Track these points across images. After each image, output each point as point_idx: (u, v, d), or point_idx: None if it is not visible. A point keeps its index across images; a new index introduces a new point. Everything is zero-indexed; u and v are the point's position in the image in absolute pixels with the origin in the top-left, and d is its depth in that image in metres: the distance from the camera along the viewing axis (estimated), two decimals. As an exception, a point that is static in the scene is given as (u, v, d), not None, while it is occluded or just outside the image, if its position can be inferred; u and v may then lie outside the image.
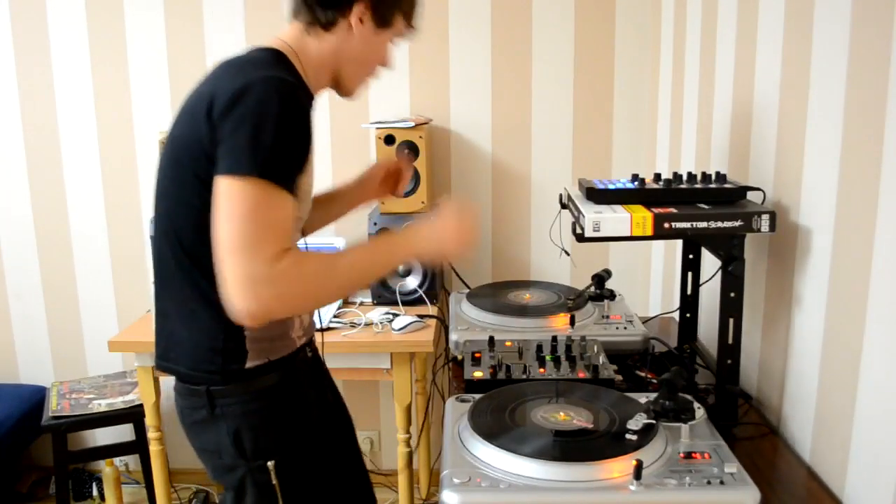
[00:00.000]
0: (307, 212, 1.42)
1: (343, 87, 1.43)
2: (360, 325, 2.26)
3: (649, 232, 1.41)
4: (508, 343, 1.63)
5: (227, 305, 1.16)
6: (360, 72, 1.42)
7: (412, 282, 2.45)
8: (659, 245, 2.54)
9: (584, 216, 1.43)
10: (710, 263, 1.78)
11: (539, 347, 1.65)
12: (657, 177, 1.59)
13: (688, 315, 1.86)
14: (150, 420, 2.34)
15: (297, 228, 1.36)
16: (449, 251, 1.33)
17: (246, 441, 1.34)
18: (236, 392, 1.33)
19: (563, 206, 1.70)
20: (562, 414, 1.30)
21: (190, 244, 1.29)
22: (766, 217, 1.40)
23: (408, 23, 1.43)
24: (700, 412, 1.34)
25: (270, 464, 1.35)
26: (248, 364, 1.33)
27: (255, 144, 1.16)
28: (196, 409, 1.36)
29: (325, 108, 2.69)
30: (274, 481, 1.35)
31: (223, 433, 1.34)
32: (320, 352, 1.62)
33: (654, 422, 1.24)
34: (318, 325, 2.22)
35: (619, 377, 1.55)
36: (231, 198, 1.16)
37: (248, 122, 1.17)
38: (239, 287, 1.14)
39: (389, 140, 2.37)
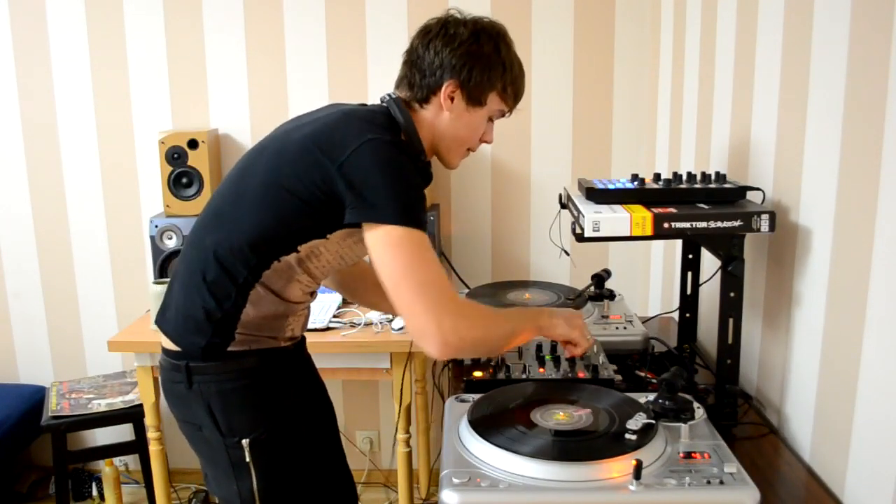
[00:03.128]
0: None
1: (443, 159, 1.49)
2: (359, 325, 2.26)
3: (649, 232, 1.41)
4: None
5: (421, 342, 1.27)
6: (456, 147, 1.47)
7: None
8: (659, 245, 2.54)
9: (583, 216, 1.43)
10: (709, 263, 1.78)
11: (539, 347, 1.65)
12: (657, 177, 1.59)
13: (687, 315, 1.86)
14: (149, 420, 2.33)
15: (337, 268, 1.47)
16: (574, 339, 1.45)
17: (220, 418, 1.38)
18: (213, 370, 1.38)
19: (563, 206, 1.70)
20: (562, 414, 1.30)
21: (238, 238, 1.35)
22: (765, 217, 1.40)
23: (505, 101, 1.46)
24: (700, 412, 1.34)
25: (245, 442, 1.38)
26: (231, 347, 1.37)
27: (398, 197, 1.27)
28: (175, 383, 1.41)
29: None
30: (248, 459, 1.39)
31: (200, 408, 1.39)
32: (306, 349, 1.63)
33: (653, 422, 1.24)
34: (314, 326, 2.23)
35: (619, 377, 1.55)
36: (396, 245, 1.27)
37: (385, 176, 1.27)
38: (437, 322, 1.25)
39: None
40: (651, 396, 1.36)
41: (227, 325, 1.36)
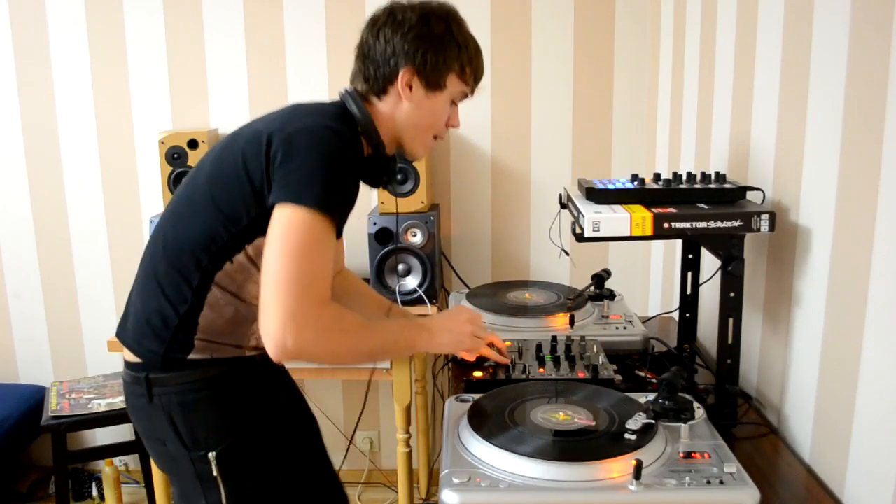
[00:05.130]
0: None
1: (407, 151, 1.45)
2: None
3: (649, 232, 1.41)
4: (508, 343, 1.63)
5: (262, 332, 1.19)
6: (420, 136, 1.42)
7: (412, 281, 2.44)
8: (658, 245, 2.54)
9: (583, 216, 1.43)
10: (709, 263, 1.78)
11: (539, 347, 1.65)
12: (657, 177, 1.59)
13: (687, 315, 1.86)
14: (149, 420, 2.33)
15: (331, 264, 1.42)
16: (460, 349, 1.43)
17: (183, 431, 1.34)
18: (173, 381, 1.33)
19: (563, 206, 1.70)
20: (562, 414, 1.30)
21: (189, 240, 1.31)
22: (765, 217, 1.40)
23: (465, 81, 1.41)
24: (700, 412, 1.34)
25: (212, 455, 1.33)
26: (191, 356, 1.33)
27: (315, 180, 1.21)
28: (137, 397, 1.36)
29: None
30: (215, 473, 1.34)
31: (162, 420, 1.34)
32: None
33: (653, 422, 1.24)
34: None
35: (619, 377, 1.55)
36: (292, 227, 1.20)
37: (312, 159, 1.22)
38: (284, 319, 1.16)
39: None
40: (651, 396, 1.36)
41: (185, 331, 1.31)
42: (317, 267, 1.20)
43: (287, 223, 1.20)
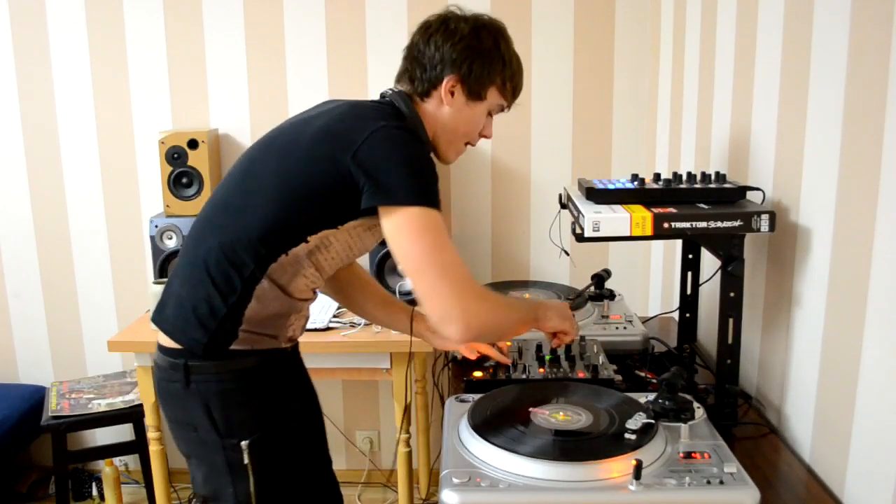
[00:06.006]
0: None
1: (438, 154, 1.48)
2: (359, 325, 2.25)
3: (649, 232, 1.41)
4: (508, 343, 1.63)
5: (441, 322, 1.27)
6: (455, 141, 1.47)
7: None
8: (658, 245, 2.54)
9: (583, 216, 1.43)
10: (709, 263, 1.78)
11: (539, 347, 1.65)
12: (657, 177, 1.59)
13: (687, 315, 1.86)
14: (149, 420, 2.33)
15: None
16: (567, 330, 1.49)
17: (218, 419, 1.36)
18: (213, 369, 1.36)
19: (563, 206, 1.70)
20: (562, 414, 1.30)
21: (245, 232, 1.34)
22: (765, 217, 1.40)
23: (504, 96, 1.46)
24: (700, 412, 1.34)
25: (244, 443, 1.36)
26: (233, 346, 1.36)
27: (415, 179, 1.29)
28: (171, 382, 1.38)
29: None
30: (246, 461, 1.37)
31: (197, 408, 1.37)
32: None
33: (653, 422, 1.24)
34: (314, 326, 2.23)
35: (619, 377, 1.55)
36: (417, 227, 1.27)
37: (400, 160, 1.29)
38: (462, 303, 1.26)
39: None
40: (651, 396, 1.36)
41: (231, 321, 1.35)
42: (455, 254, 1.30)
43: (410, 226, 1.27)
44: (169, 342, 1.39)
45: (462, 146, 1.49)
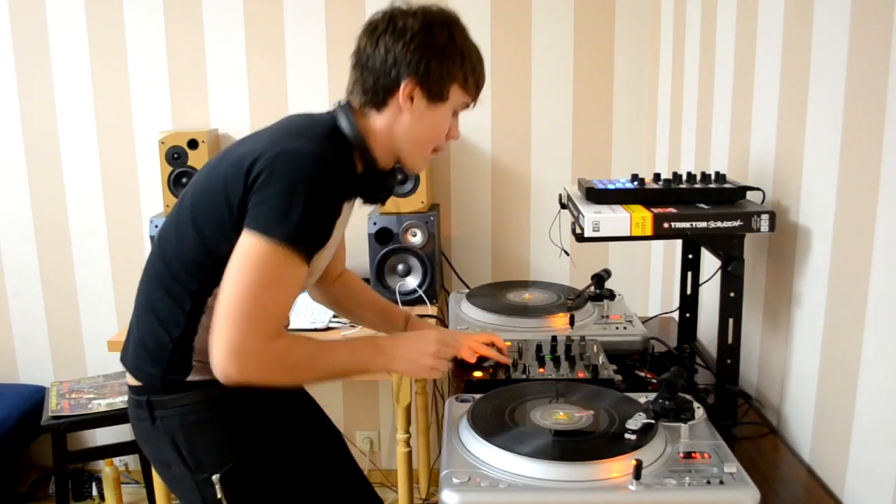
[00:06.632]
0: (310, 284, 1.47)
1: (405, 165, 1.39)
2: (359, 325, 2.25)
3: (649, 232, 1.41)
4: (508, 343, 1.63)
5: (210, 359, 1.19)
6: (420, 149, 1.36)
7: (412, 281, 2.44)
8: (658, 245, 2.54)
9: (583, 216, 1.43)
10: (709, 263, 1.78)
11: (539, 347, 1.65)
12: (657, 177, 1.59)
13: (687, 315, 1.86)
14: (149, 420, 2.33)
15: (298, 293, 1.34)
16: (419, 374, 1.39)
17: (186, 454, 1.32)
18: (174, 403, 1.31)
19: (563, 206, 1.70)
20: (562, 414, 1.30)
21: (178, 264, 1.30)
22: (765, 217, 1.40)
23: (467, 93, 1.35)
24: (700, 412, 1.34)
25: (215, 477, 1.31)
26: (190, 378, 1.31)
27: (288, 211, 1.18)
28: (140, 420, 1.35)
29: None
30: (219, 496, 1.31)
31: (166, 444, 1.33)
32: None
33: (653, 422, 1.24)
34: (314, 326, 2.23)
35: (619, 377, 1.55)
36: (252, 259, 1.18)
37: (287, 188, 1.18)
38: (228, 352, 1.17)
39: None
40: (651, 396, 1.36)
41: (181, 353, 1.30)
42: (271, 302, 1.19)
43: (248, 254, 1.18)
44: (133, 380, 1.36)
45: (429, 153, 1.39)
